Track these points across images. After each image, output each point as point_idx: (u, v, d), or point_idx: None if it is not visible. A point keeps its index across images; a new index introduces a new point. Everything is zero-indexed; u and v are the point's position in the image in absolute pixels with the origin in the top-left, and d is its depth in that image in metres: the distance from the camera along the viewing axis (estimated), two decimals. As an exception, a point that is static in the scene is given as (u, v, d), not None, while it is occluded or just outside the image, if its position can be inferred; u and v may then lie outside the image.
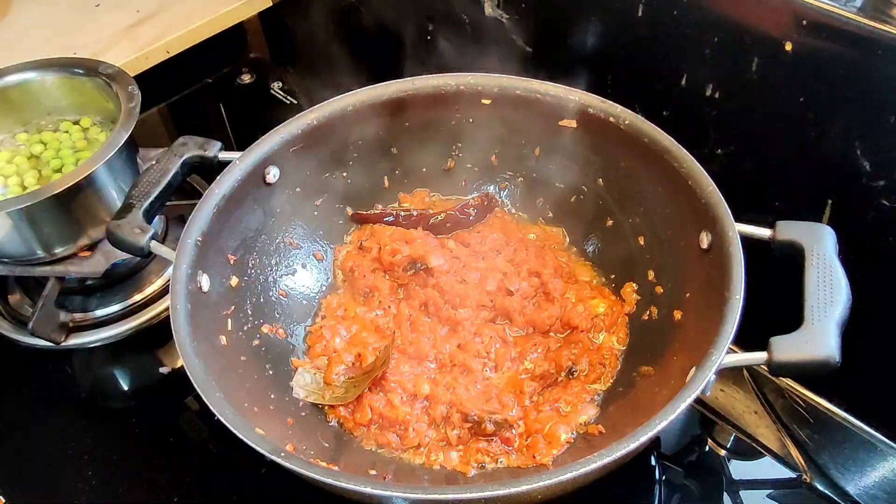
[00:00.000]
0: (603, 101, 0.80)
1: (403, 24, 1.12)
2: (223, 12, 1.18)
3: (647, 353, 0.74)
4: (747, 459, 0.77)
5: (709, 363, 0.59)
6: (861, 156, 0.71)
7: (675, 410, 0.57)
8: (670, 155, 0.74)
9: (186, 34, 1.15)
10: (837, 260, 0.65)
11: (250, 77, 1.27)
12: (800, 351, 0.60)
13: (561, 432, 0.70)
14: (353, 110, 0.84)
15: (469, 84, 0.85)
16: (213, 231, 0.75)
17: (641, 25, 0.82)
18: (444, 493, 0.56)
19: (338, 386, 0.76)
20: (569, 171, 0.87)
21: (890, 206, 0.71)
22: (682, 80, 0.82)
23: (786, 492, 0.74)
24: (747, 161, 0.82)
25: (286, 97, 1.24)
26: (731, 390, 0.81)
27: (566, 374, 0.76)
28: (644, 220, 0.80)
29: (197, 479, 0.78)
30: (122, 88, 0.91)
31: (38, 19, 1.18)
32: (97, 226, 0.88)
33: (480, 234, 0.88)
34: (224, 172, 0.77)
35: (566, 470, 0.55)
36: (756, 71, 0.75)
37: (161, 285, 0.94)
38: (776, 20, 0.71)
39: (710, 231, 0.70)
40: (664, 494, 0.74)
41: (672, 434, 0.78)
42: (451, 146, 0.90)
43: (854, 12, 0.66)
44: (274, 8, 1.24)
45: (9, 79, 0.95)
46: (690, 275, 0.73)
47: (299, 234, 0.86)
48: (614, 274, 0.83)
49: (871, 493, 0.72)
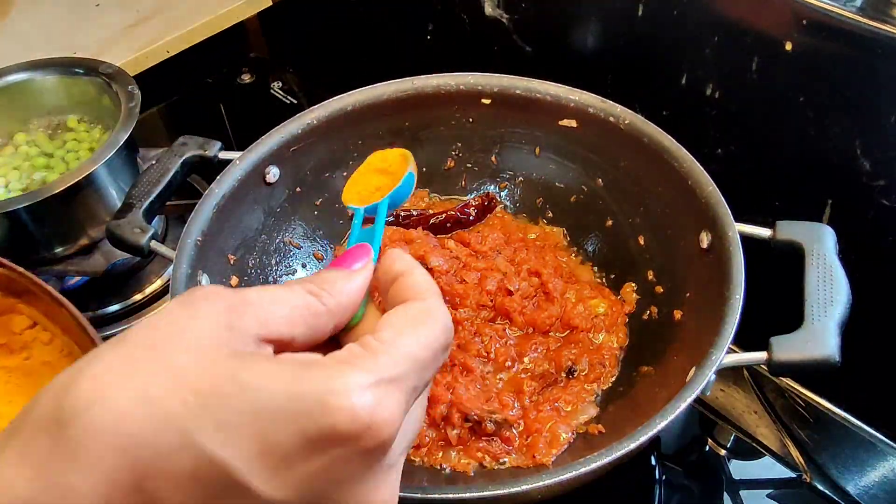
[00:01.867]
0: (603, 101, 0.80)
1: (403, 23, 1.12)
2: (223, 12, 1.18)
3: (647, 352, 0.74)
4: (747, 459, 0.77)
5: (709, 363, 0.59)
6: (861, 156, 0.71)
7: (675, 410, 0.57)
8: (670, 155, 0.75)
9: (186, 34, 1.15)
10: (837, 260, 0.65)
11: (250, 77, 1.27)
12: (800, 350, 0.60)
13: (561, 432, 0.70)
14: (353, 110, 0.84)
15: (469, 84, 0.85)
16: (213, 231, 0.75)
17: (641, 25, 0.82)
18: (444, 492, 0.56)
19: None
20: (569, 171, 0.87)
21: (890, 206, 0.71)
22: (682, 80, 0.82)
23: (786, 492, 0.74)
24: (747, 161, 0.82)
25: (286, 97, 1.24)
26: (731, 390, 0.81)
27: (566, 373, 0.76)
28: (644, 220, 0.80)
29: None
30: (122, 88, 0.91)
31: (38, 19, 1.18)
32: (97, 225, 0.88)
33: (480, 234, 0.88)
34: (224, 172, 0.77)
35: (566, 470, 0.55)
36: (756, 71, 0.75)
37: (161, 285, 0.94)
38: (776, 20, 0.71)
39: (710, 231, 0.70)
40: (664, 494, 0.74)
41: (672, 434, 0.78)
42: (451, 146, 0.90)
43: (854, 12, 0.66)
44: (274, 8, 1.24)
45: (9, 79, 0.95)
46: (690, 275, 0.73)
47: (299, 233, 0.86)
48: (614, 274, 0.83)
49: (871, 492, 0.72)
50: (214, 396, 0.28)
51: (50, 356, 0.73)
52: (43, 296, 0.70)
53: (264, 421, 0.28)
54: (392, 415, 0.30)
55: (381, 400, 0.30)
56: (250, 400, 0.28)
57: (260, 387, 0.28)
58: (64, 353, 0.73)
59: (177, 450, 0.27)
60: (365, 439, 0.29)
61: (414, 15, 1.08)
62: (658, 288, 0.77)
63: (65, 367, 0.71)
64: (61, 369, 0.71)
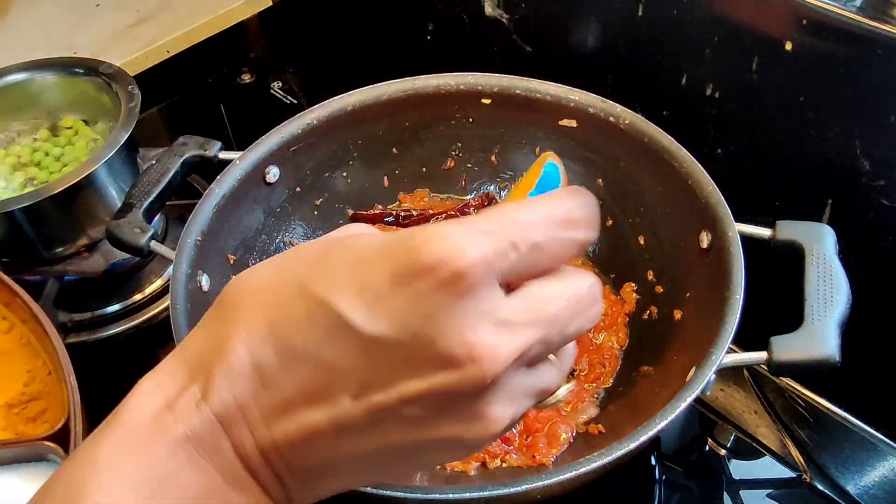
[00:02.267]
0: (603, 101, 0.80)
1: (403, 23, 1.12)
2: (223, 12, 1.18)
3: (647, 352, 0.74)
4: (747, 459, 0.77)
5: (709, 363, 0.59)
6: (861, 156, 0.71)
7: (675, 410, 0.57)
8: (670, 155, 0.75)
9: (186, 34, 1.15)
10: (837, 260, 0.65)
11: (250, 77, 1.27)
12: (800, 350, 0.60)
13: (561, 432, 0.70)
14: (353, 110, 0.84)
15: (469, 84, 0.85)
16: (213, 231, 0.75)
17: (641, 25, 0.82)
18: (444, 493, 0.56)
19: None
20: (569, 171, 0.86)
21: (890, 206, 0.71)
22: (682, 80, 0.82)
23: (786, 491, 0.74)
24: (747, 161, 0.82)
25: (286, 97, 1.24)
26: (731, 390, 0.81)
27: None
28: (644, 220, 0.80)
29: (197, 479, 0.78)
30: (122, 88, 0.91)
31: (38, 19, 1.17)
32: (97, 225, 0.88)
33: (480, 233, 0.88)
34: (224, 172, 0.77)
35: (566, 470, 0.55)
36: (756, 71, 0.75)
37: (161, 285, 0.94)
38: (776, 20, 0.71)
39: (710, 231, 0.70)
40: (664, 494, 0.74)
41: (672, 434, 0.78)
42: (451, 146, 0.90)
43: (854, 12, 0.66)
44: (274, 8, 1.24)
45: (9, 79, 0.95)
46: (690, 274, 0.73)
47: (299, 233, 0.86)
48: (614, 274, 0.83)
49: (871, 492, 0.72)
50: (324, 257, 0.34)
51: (9, 345, 0.74)
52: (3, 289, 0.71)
53: (360, 266, 0.33)
54: (469, 252, 0.31)
55: (456, 238, 0.32)
56: (351, 253, 0.34)
57: (359, 243, 0.34)
58: (23, 341, 0.74)
59: (296, 298, 0.33)
60: (441, 270, 0.31)
61: (414, 15, 1.08)
62: (658, 288, 0.77)
63: (25, 355, 0.73)
64: (20, 359, 0.72)
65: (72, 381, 0.65)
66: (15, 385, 0.72)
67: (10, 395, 0.71)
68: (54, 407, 0.70)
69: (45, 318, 0.69)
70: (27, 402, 0.71)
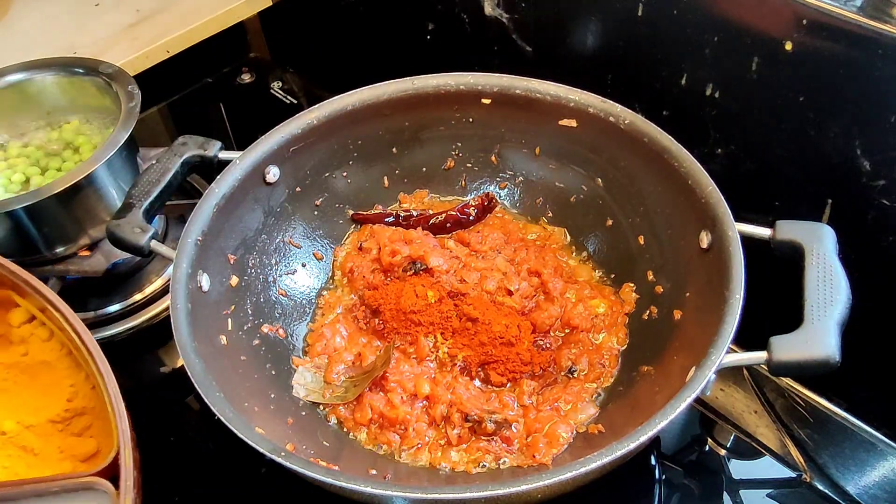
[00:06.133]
0: (603, 101, 0.80)
1: (403, 23, 1.12)
2: (223, 12, 1.18)
3: (647, 352, 0.74)
4: (747, 459, 0.77)
5: (709, 363, 0.59)
6: (861, 156, 0.71)
7: (675, 410, 0.57)
8: (670, 155, 0.75)
9: (186, 34, 1.15)
10: (837, 260, 0.65)
11: (250, 77, 1.28)
12: (800, 350, 0.60)
13: (561, 432, 0.70)
14: (353, 110, 0.84)
15: (469, 84, 0.85)
16: (213, 230, 0.75)
17: (641, 25, 0.82)
18: (444, 493, 0.56)
19: (338, 385, 0.76)
20: (569, 170, 0.87)
21: (890, 206, 0.71)
22: (682, 80, 0.82)
23: (786, 491, 0.74)
24: (747, 161, 0.82)
25: (286, 97, 1.24)
26: (731, 390, 0.81)
27: (566, 373, 0.76)
28: (644, 219, 0.80)
29: (197, 479, 0.78)
30: (122, 88, 0.91)
31: (37, 19, 1.18)
32: (97, 225, 0.88)
33: (480, 233, 0.88)
34: (224, 172, 0.78)
35: (566, 469, 0.55)
36: (756, 71, 0.75)
37: (161, 285, 0.94)
38: (776, 20, 0.71)
39: (710, 231, 0.70)
40: (664, 494, 0.74)
41: (672, 434, 0.78)
42: (451, 146, 0.90)
43: (854, 12, 0.66)
44: (274, 8, 1.24)
45: (9, 78, 0.95)
46: (690, 274, 0.73)
47: (299, 233, 0.87)
48: (614, 274, 0.83)
49: (871, 492, 0.72)
50: None
51: (49, 354, 0.73)
52: (37, 295, 0.70)
53: None
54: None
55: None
56: None
57: None
58: (64, 351, 0.73)
59: None
60: None
61: (414, 15, 1.08)
62: (658, 288, 0.77)
63: (66, 367, 0.71)
64: (62, 371, 0.71)
65: (121, 410, 0.61)
66: (58, 401, 0.70)
67: (54, 412, 0.70)
68: (99, 421, 0.69)
69: (88, 336, 0.66)
70: (71, 419, 0.70)
